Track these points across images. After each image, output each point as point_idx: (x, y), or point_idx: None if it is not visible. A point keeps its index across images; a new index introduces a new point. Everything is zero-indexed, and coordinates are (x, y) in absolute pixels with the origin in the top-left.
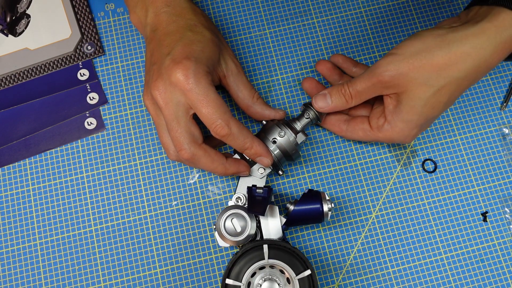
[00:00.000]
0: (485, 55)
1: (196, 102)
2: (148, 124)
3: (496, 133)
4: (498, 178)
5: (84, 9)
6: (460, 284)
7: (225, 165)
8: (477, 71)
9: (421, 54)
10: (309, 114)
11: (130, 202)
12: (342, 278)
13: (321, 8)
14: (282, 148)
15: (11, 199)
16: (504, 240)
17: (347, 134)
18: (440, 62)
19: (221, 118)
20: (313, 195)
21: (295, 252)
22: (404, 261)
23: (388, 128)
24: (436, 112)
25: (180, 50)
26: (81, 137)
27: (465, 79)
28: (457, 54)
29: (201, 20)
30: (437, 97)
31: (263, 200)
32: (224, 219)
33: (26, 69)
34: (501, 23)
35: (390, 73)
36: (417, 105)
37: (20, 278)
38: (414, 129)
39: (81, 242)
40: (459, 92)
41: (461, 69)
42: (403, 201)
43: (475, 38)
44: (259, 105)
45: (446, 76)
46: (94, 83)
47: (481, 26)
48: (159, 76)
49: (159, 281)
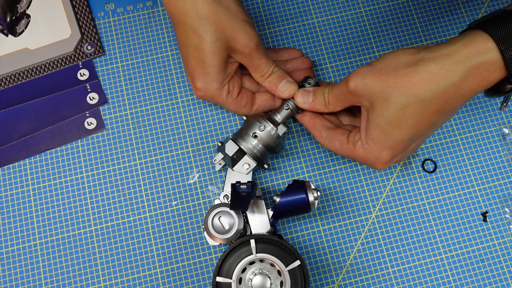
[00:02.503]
0: (452, 78)
1: None
2: (148, 124)
3: (496, 133)
4: (498, 178)
5: (84, 9)
6: (460, 284)
7: None
8: (445, 95)
9: (388, 68)
10: (288, 105)
11: (130, 202)
12: (342, 278)
13: (321, 8)
14: (263, 142)
15: (11, 199)
16: (504, 240)
17: (325, 141)
18: (404, 79)
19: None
20: (298, 185)
21: (283, 244)
22: (404, 261)
23: (360, 146)
24: (404, 135)
25: None
26: (81, 137)
27: (431, 101)
28: (422, 73)
29: None
30: (402, 117)
31: (247, 195)
32: (211, 217)
33: (26, 69)
34: (475, 47)
35: (356, 83)
36: (382, 122)
37: (20, 278)
38: (383, 151)
39: (81, 242)
40: (427, 115)
41: (426, 89)
42: (403, 201)
43: (444, 59)
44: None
45: (409, 94)
46: (94, 83)
47: (453, 48)
48: None
49: (159, 281)
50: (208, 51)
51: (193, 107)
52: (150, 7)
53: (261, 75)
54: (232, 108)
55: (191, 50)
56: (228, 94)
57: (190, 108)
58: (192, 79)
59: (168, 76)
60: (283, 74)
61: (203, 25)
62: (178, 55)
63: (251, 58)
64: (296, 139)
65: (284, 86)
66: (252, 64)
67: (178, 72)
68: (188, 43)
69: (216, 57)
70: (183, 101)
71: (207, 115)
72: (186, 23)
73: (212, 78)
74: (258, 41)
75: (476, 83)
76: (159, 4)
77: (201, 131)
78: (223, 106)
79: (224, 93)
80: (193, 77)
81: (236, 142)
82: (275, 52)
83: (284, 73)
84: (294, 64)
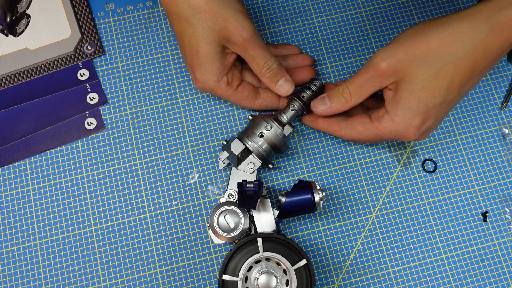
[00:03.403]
0: (481, 34)
1: None
2: (148, 124)
3: (496, 133)
4: (498, 178)
5: (84, 9)
6: (460, 284)
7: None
8: (476, 53)
9: (416, 37)
10: (294, 105)
11: (130, 202)
12: (342, 278)
13: (321, 8)
14: (270, 142)
15: (11, 199)
16: (504, 240)
17: (346, 131)
18: (436, 42)
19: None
20: (304, 185)
21: (289, 243)
22: (404, 261)
23: (388, 119)
24: (437, 98)
25: None
26: (81, 137)
27: (463, 60)
28: (453, 33)
29: None
30: (436, 81)
31: (254, 194)
32: (217, 216)
33: (26, 69)
34: (496, 4)
35: (387, 61)
36: (415, 89)
37: (20, 278)
38: (415, 118)
39: (81, 242)
40: (459, 76)
41: (458, 48)
42: (403, 201)
43: (470, 18)
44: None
45: (442, 55)
46: (94, 83)
47: (476, 7)
48: None
49: (159, 281)
50: (201, 40)
51: (193, 107)
52: (150, 7)
53: (259, 68)
54: (233, 100)
55: (186, 40)
56: (227, 86)
57: (190, 108)
58: (191, 70)
59: (168, 76)
60: (282, 71)
61: (195, 15)
62: (178, 55)
63: (246, 49)
64: (296, 139)
65: (283, 84)
66: (248, 55)
67: (178, 72)
68: (182, 33)
69: (209, 46)
70: (183, 101)
71: (207, 115)
72: (179, 14)
73: (208, 69)
74: (253, 31)
75: (503, 39)
76: (159, 4)
77: (201, 131)
78: (224, 98)
79: (223, 85)
80: (192, 68)
81: (242, 141)
82: (274, 47)
83: (282, 70)
84: (295, 61)
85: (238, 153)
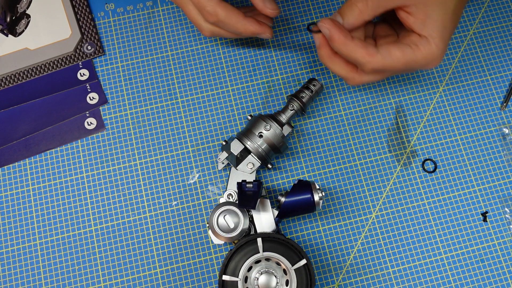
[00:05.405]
0: None
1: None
2: (148, 124)
3: (496, 133)
4: (498, 178)
5: (84, 9)
6: (460, 284)
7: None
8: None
9: None
10: (293, 106)
11: (130, 202)
12: (342, 278)
13: (321, 8)
14: (269, 142)
15: (11, 199)
16: (504, 240)
17: (377, 58)
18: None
19: (208, 4)
20: (303, 185)
21: (289, 243)
22: (404, 261)
23: (425, 43)
24: (455, 26)
25: None
26: (81, 137)
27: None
28: None
29: None
30: (460, 9)
31: (253, 194)
32: (216, 216)
33: (26, 69)
34: None
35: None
36: (448, 10)
37: (20, 278)
38: (443, 44)
39: (81, 242)
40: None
41: None
42: (403, 201)
43: None
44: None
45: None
46: (94, 83)
47: None
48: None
49: (159, 281)
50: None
51: (193, 107)
52: (150, 7)
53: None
54: (244, 23)
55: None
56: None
57: (190, 108)
58: (198, 9)
59: (168, 76)
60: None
61: None
62: (178, 55)
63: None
64: (296, 139)
65: (271, 2)
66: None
67: (178, 72)
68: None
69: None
70: (183, 101)
71: (207, 115)
72: None
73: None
74: None
75: None
76: (159, 4)
77: (201, 131)
78: (234, 23)
79: (229, 6)
80: (199, 8)
81: (241, 141)
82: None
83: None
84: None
85: (237, 153)
